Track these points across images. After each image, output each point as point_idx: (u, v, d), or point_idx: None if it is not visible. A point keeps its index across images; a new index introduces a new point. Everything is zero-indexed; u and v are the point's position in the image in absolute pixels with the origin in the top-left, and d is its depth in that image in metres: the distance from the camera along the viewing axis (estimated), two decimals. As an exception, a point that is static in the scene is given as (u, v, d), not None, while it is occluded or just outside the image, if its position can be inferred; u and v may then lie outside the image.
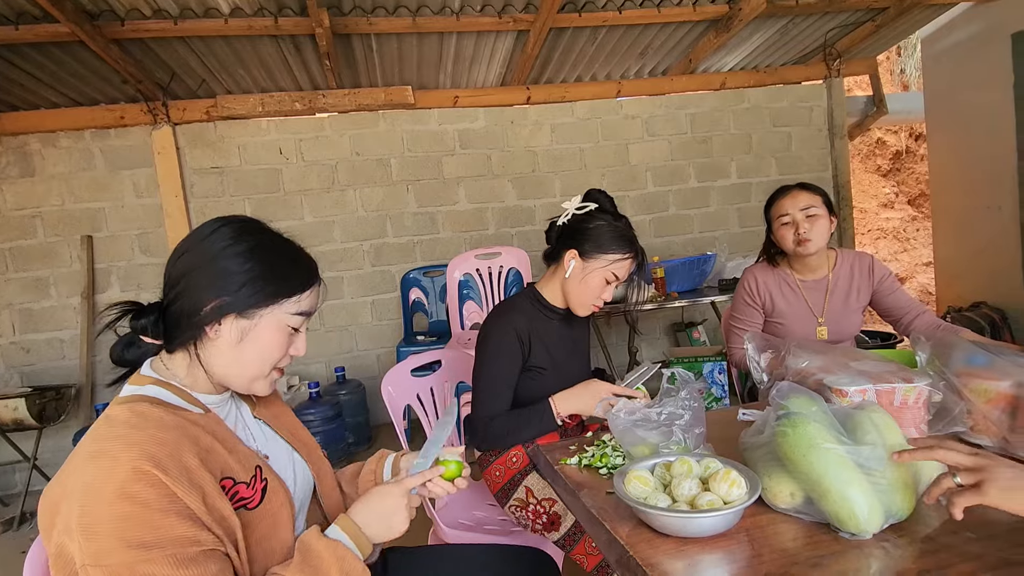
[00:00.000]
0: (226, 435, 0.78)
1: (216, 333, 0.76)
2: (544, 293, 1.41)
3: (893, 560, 0.70)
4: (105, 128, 3.18)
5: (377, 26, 2.76)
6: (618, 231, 1.32)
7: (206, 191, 3.32)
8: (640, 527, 0.80)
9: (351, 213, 3.51)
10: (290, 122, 3.40)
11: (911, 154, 6.95)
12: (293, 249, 0.83)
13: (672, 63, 3.69)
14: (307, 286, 0.81)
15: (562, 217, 1.37)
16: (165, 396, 0.76)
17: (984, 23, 3.66)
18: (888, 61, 7.08)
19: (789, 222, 1.64)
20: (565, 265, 1.33)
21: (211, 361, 0.77)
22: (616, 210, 1.38)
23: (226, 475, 0.73)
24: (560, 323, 1.42)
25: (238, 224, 0.79)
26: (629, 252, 1.32)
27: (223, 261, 0.76)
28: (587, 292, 1.33)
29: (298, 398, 3.22)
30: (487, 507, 1.56)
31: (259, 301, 0.76)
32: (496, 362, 1.32)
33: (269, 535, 0.76)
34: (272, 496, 0.78)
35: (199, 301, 0.75)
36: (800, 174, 3.94)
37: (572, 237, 1.33)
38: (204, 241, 0.77)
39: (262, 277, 0.77)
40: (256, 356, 0.78)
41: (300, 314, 0.80)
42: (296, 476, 0.88)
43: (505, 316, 1.34)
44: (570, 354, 1.43)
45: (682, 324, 3.97)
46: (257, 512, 0.75)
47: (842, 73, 3.98)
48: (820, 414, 0.81)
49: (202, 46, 2.77)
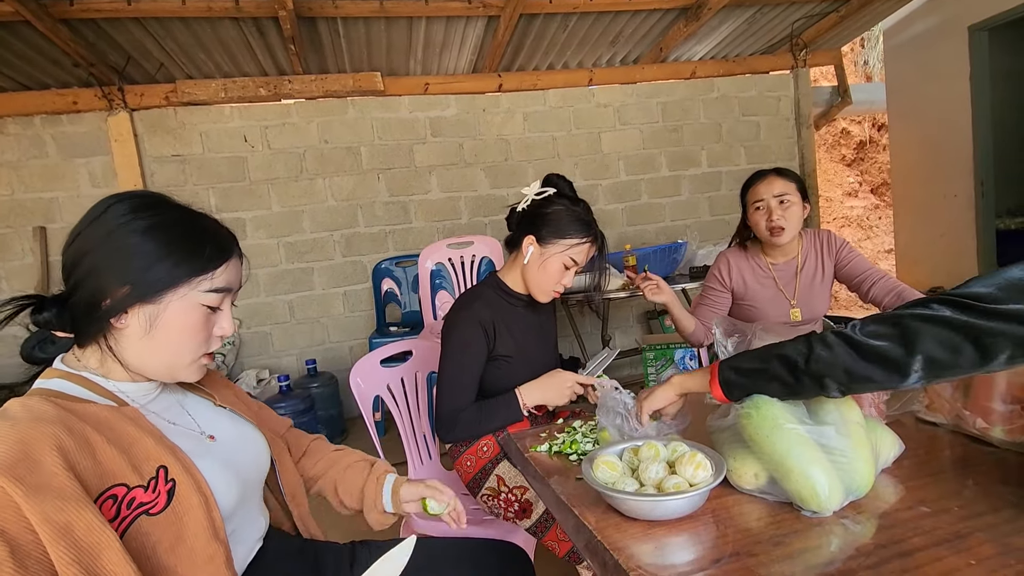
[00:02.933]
0: (127, 432, 0.70)
1: (123, 323, 0.70)
2: (507, 280, 1.39)
3: (852, 536, 0.72)
4: (56, 114, 3.04)
5: (343, 9, 2.69)
6: (576, 215, 1.31)
7: (167, 180, 3.20)
8: (609, 512, 0.81)
9: (320, 202, 3.43)
10: (255, 108, 3.30)
11: (874, 144, 7.15)
12: (201, 222, 0.75)
13: (643, 52, 3.70)
14: (219, 261, 0.74)
15: (521, 203, 1.36)
16: (70, 389, 0.71)
17: (942, 16, 3.77)
18: (852, 52, 7.25)
19: (763, 208, 1.66)
20: (524, 251, 1.32)
21: (124, 353, 0.72)
22: (575, 194, 1.36)
23: (115, 482, 0.65)
24: (524, 309, 1.41)
25: (135, 199, 0.72)
26: (587, 236, 1.31)
27: (119, 241, 0.69)
28: (546, 278, 1.32)
29: (268, 392, 3.16)
30: (460, 497, 1.55)
31: (165, 284, 0.70)
32: (461, 354, 1.31)
33: (180, 540, 0.69)
34: (182, 497, 0.69)
35: (99, 291, 0.68)
36: (769, 163, 3.99)
37: (531, 222, 1.32)
38: (96, 221, 0.70)
39: (166, 256, 0.70)
40: (171, 343, 0.72)
41: (215, 291, 0.74)
42: (249, 450, 0.85)
43: (469, 307, 1.33)
44: (536, 340, 1.43)
45: (655, 312, 4.02)
46: (162, 517, 0.67)
47: (808, 64, 4.05)
48: (783, 396, 0.83)
49: (159, 28, 2.66)
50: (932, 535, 0.69)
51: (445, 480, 1.64)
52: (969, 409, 0.93)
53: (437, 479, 1.63)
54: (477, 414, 1.30)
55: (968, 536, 0.68)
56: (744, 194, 1.74)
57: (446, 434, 1.32)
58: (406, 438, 1.58)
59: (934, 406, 1.00)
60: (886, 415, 1.01)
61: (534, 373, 1.33)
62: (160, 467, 0.69)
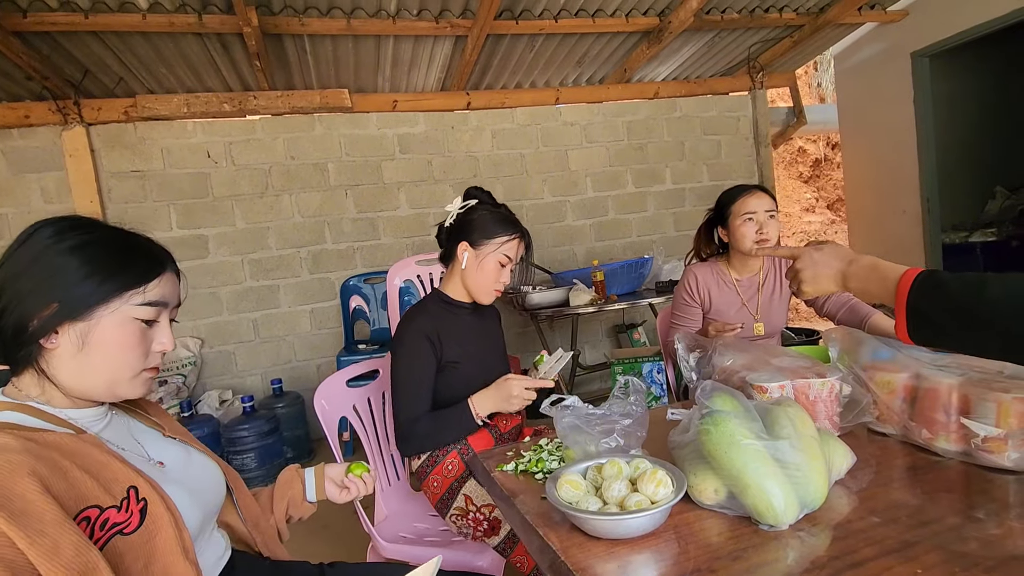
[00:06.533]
0: (93, 456, 0.69)
1: (53, 343, 0.69)
2: (447, 291, 1.46)
3: (808, 548, 0.74)
4: (7, 127, 2.92)
5: (310, 27, 2.68)
6: (500, 215, 1.40)
7: (126, 195, 3.11)
8: (573, 531, 0.81)
9: (287, 219, 3.38)
10: (219, 124, 3.24)
11: (829, 162, 7.46)
12: (132, 239, 0.76)
13: (608, 72, 3.79)
14: (150, 275, 0.74)
15: (447, 219, 1.44)
16: (24, 420, 0.69)
17: (887, 43, 3.99)
18: (807, 75, 7.58)
19: (754, 220, 1.68)
20: (460, 258, 1.39)
21: (58, 375, 0.70)
22: (495, 200, 1.46)
23: (88, 504, 0.65)
24: (469, 316, 1.46)
25: (63, 222, 0.72)
26: (514, 233, 1.39)
27: (45, 262, 0.69)
28: (485, 277, 1.39)
29: (231, 413, 3.06)
30: (428, 518, 1.53)
31: (94, 299, 0.69)
32: (410, 365, 1.34)
33: (153, 559, 0.69)
34: (154, 516, 0.70)
35: (26, 313, 0.68)
36: (730, 180, 4.14)
37: (461, 231, 1.40)
38: (23, 246, 0.70)
39: (94, 272, 0.70)
40: (106, 360, 0.71)
41: (149, 304, 0.73)
42: (203, 477, 0.84)
43: (413, 321, 1.38)
44: (483, 344, 1.48)
45: (623, 326, 4.07)
46: (137, 536, 0.68)
47: (765, 85, 4.22)
48: (741, 411, 0.85)
49: (118, 42, 2.60)
50: (882, 545, 0.72)
51: (413, 501, 1.61)
52: (915, 420, 0.98)
53: (405, 500, 1.61)
54: (432, 424, 1.32)
55: (916, 544, 0.71)
56: (727, 205, 1.74)
57: (404, 445, 1.34)
58: (373, 459, 1.55)
59: (883, 417, 1.04)
60: (840, 427, 1.05)
61: (486, 374, 1.36)
62: (131, 487, 0.70)
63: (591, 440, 0.96)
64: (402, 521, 1.53)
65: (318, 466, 1.06)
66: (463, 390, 1.34)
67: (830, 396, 1.03)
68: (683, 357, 1.27)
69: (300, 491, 1.03)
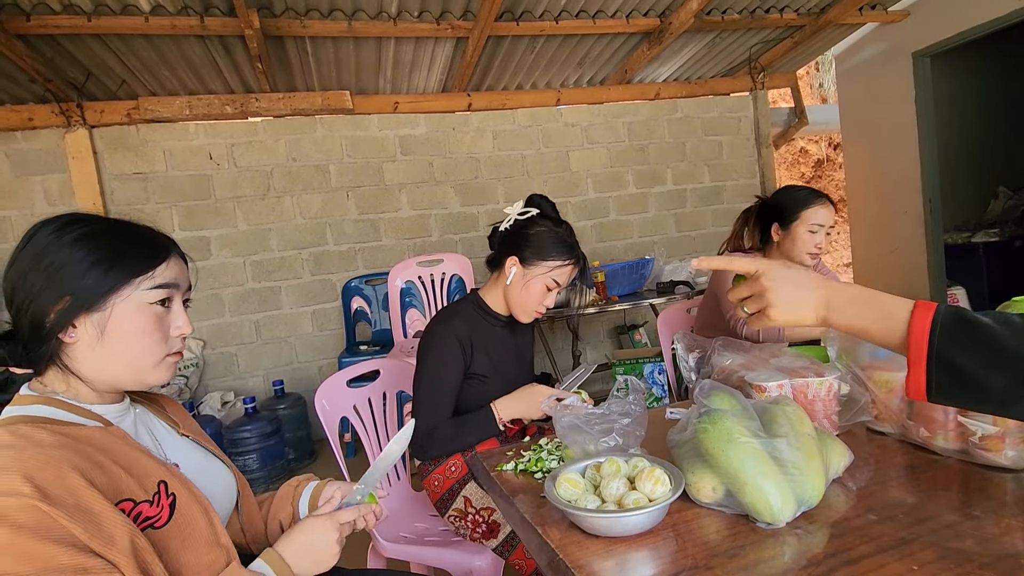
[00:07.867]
0: (124, 451, 0.71)
1: (73, 337, 0.70)
2: (487, 299, 1.39)
3: (805, 546, 0.74)
4: (10, 130, 2.94)
5: (311, 29, 2.69)
6: (558, 237, 1.32)
7: (128, 198, 3.13)
8: (571, 530, 0.81)
9: (288, 220, 3.40)
10: (220, 126, 3.25)
11: (831, 162, 7.45)
12: (133, 228, 0.77)
13: (609, 73, 3.80)
14: (157, 260, 0.75)
15: (504, 223, 1.37)
16: (53, 413, 0.70)
17: (888, 43, 3.98)
18: (808, 75, 7.58)
19: (818, 233, 1.66)
20: (506, 272, 1.32)
21: (82, 368, 0.71)
22: (558, 215, 1.38)
23: (124, 497, 0.67)
24: (503, 330, 1.41)
25: (62, 219, 0.73)
26: (570, 259, 1.32)
27: (50, 257, 0.69)
28: (528, 299, 1.32)
29: (233, 414, 3.07)
30: (428, 518, 1.54)
31: (104, 288, 0.70)
32: (438, 369, 1.30)
33: (184, 550, 0.70)
34: (184, 509, 0.72)
35: (41, 309, 0.69)
36: (731, 181, 4.14)
37: (514, 243, 1.32)
38: (28, 245, 0.71)
39: (100, 261, 0.70)
40: (127, 347, 0.72)
41: (159, 287, 0.74)
42: (217, 483, 0.84)
43: (447, 322, 1.32)
44: (512, 361, 1.43)
45: (624, 327, 4.07)
46: (167, 530, 0.69)
47: (766, 86, 4.22)
48: (739, 409, 0.85)
49: (121, 45, 2.62)
50: (878, 542, 0.72)
51: (414, 501, 1.62)
52: (913, 419, 0.98)
53: (405, 500, 1.61)
54: (453, 430, 1.29)
55: (912, 542, 0.71)
56: (796, 209, 1.69)
57: (420, 451, 1.31)
58: (374, 460, 1.55)
59: (882, 416, 1.04)
60: (838, 426, 1.05)
61: (509, 393, 1.33)
62: (160, 482, 0.71)
63: (590, 439, 0.96)
64: (403, 521, 1.53)
65: (318, 485, 1.01)
66: (480, 403, 1.31)
67: (828, 395, 1.04)
68: (682, 357, 1.28)
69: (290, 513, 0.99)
